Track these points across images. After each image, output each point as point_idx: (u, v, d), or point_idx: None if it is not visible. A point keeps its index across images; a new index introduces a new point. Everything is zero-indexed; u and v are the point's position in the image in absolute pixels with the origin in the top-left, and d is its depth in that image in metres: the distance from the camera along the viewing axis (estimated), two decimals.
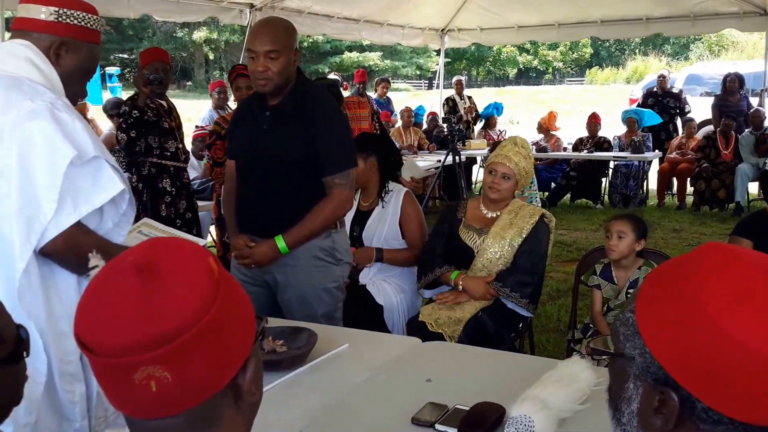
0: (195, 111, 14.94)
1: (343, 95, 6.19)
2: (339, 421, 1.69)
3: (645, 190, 8.99)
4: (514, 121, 18.27)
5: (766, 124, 8.25)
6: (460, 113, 9.81)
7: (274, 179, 2.58)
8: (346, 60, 30.90)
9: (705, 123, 10.19)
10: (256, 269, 2.64)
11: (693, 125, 9.20)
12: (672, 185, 9.12)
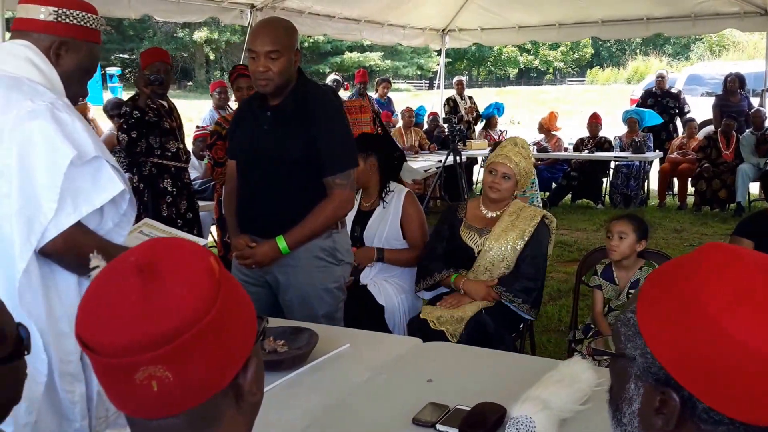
0: (196, 111, 14.94)
1: (342, 98, 6.18)
2: (340, 422, 1.69)
3: (646, 190, 8.98)
4: (514, 122, 18.25)
5: (766, 124, 8.25)
6: (460, 113, 9.81)
7: (275, 179, 2.58)
8: (346, 60, 30.88)
9: (706, 123, 10.19)
10: (257, 269, 2.64)
11: (694, 125, 9.19)
12: (673, 185, 9.11)
